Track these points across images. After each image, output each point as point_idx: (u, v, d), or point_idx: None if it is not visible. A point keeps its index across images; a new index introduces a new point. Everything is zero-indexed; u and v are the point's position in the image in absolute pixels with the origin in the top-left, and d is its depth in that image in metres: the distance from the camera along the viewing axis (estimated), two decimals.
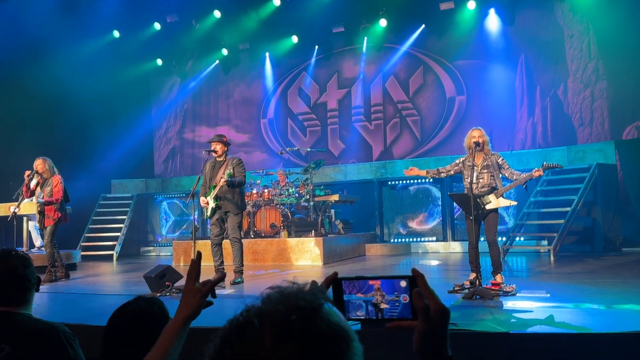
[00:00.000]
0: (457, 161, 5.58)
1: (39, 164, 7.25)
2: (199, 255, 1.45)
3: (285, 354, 0.70)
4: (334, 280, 1.10)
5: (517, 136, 11.04)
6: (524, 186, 5.36)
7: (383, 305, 1.07)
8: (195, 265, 1.41)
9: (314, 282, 1.11)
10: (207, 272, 6.65)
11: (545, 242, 8.96)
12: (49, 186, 7.16)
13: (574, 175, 9.11)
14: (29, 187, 7.30)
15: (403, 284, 1.06)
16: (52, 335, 1.84)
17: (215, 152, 6.47)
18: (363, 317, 1.09)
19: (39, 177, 7.30)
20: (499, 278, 5.21)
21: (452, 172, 5.61)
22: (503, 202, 5.32)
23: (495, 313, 4.10)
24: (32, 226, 8.58)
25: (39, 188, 7.30)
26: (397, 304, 1.07)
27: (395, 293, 1.07)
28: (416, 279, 1.04)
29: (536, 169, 5.25)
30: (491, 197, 5.31)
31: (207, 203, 6.44)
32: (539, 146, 10.70)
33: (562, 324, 3.55)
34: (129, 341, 1.77)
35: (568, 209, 8.53)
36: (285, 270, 7.72)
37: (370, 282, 1.09)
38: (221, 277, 1.49)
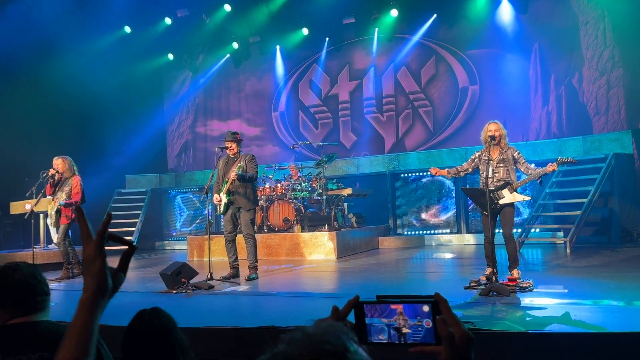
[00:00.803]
0: (473, 157, 5.52)
1: (59, 163, 7.28)
2: (79, 209, 1.17)
3: None
4: (355, 304, 1.09)
5: (532, 126, 10.91)
6: (538, 181, 5.29)
7: (405, 330, 1.07)
8: (80, 221, 1.15)
9: (335, 308, 1.09)
10: (222, 267, 6.68)
11: (561, 234, 8.88)
12: (68, 186, 7.21)
13: (590, 165, 8.99)
14: (52, 185, 7.35)
15: (426, 308, 1.06)
16: None
17: (230, 149, 6.50)
18: (385, 341, 1.08)
19: (60, 175, 7.35)
20: (515, 273, 5.18)
21: (470, 170, 5.55)
22: (517, 197, 5.26)
23: (513, 310, 4.07)
24: (50, 222, 8.66)
25: (56, 187, 7.35)
26: (419, 328, 1.06)
27: (418, 318, 1.06)
28: (439, 305, 1.03)
29: (550, 164, 5.18)
30: (505, 191, 5.26)
31: (220, 200, 6.46)
32: (554, 136, 10.57)
33: (580, 323, 3.50)
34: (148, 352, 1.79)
35: (584, 200, 8.43)
36: (300, 265, 7.74)
37: (393, 306, 1.08)
38: (109, 218, 1.16)
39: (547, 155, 9.59)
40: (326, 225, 8.98)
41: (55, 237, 8.64)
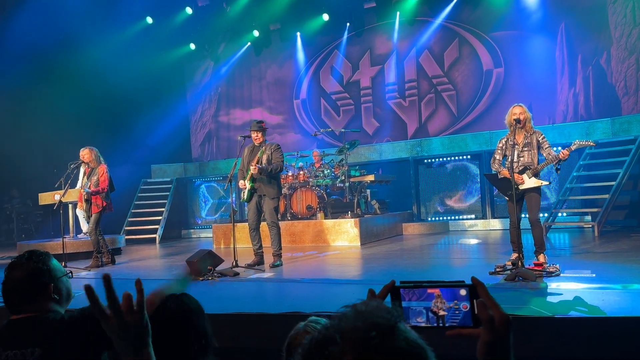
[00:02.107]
0: (500, 145, 5.40)
1: (85, 153, 7.47)
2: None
3: None
4: (392, 289, 1.10)
5: (558, 108, 10.68)
6: (555, 167, 5.15)
7: (442, 313, 1.08)
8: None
9: (371, 292, 1.10)
10: (246, 254, 6.76)
11: (589, 218, 8.72)
12: (96, 175, 7.39)
13: (618, 147, 8.79)
14: (77, 177, 7.53)
15: (463, 292, 1.07)
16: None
17: (256, 138, 6.53)
18: (424, 324, 1.10)
19: (86, 166, 7.54)
20: (541, 258, 5.11)
21: (501, 159, 5.43)
22: (535, 182, 5.16)
23: (539, 295, 4.02)
24: (79, 212, 8.87)
25: (85, 177, 7.55)
26: (457, 312, 1.07)
27: (455, 301, 1.07)
28: (477, 288, 1.03)
29: (567, 148, 5.05)
30: (524, 176, 5.18)
31: (245, 185, 6.49)
32: (581, 118, 10.33)
33: (609, 307, 3.45)
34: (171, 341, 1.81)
35: (613, 183, 8.26)
36: (323, 252, 7.77)
37: (430, 290, 1.10)
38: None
39: (574, 138, 9.35)
40: (349, 212, 8.98)
41: (85, 226, 8.85)
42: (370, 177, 9.60)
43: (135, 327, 1.15)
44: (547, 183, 5.30)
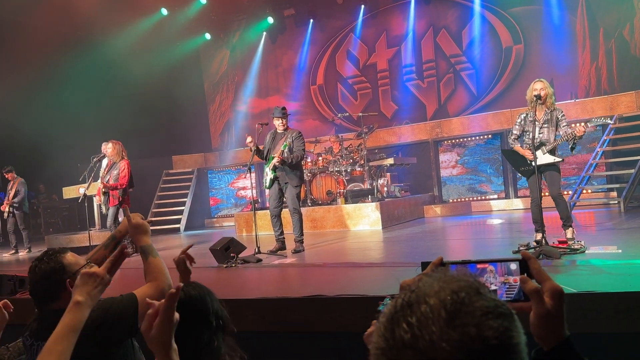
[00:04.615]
0: (518, 120, 5.29)
1: (109, 147, 7.57)
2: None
3: (459, 329, 0.69)
4: (440, 265, 1.10)
5: (580, 83, 10.45)
6: (569, 146, 5.02)
7: (493, 288, 1.09)
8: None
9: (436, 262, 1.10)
10: (268, 241, 6.80)
11: (614, 194, 8.56)
12: (116, 170, 7.47)
13: None
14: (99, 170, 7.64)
15: (514, 266, 1.08)
16: None
17: (281, 125, 6.53)
18: None
19: (109, 159, 7.64)
20: (569, 233, 5.02)
21: (518, 134, 5.33)
22: (549, 158, 5.06)
23: (563, 272, 3.98)
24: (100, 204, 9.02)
25: (106, 170, 7.65)
26: (508, 286, 1.08)
27: (505, 275, 1.08)
28: (528, 262, 1.04)
29: (584, 125, 4.91)
30: (539, 152, 5.08)
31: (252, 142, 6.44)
32: (604, 92, 10.09)
33: (635, 282, 3.39)
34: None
35: (638, 157, 8.07)
36: (345, 237, 7.78)
37: (479, 266, 1.10)
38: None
39: (597, 114, 9.20)
40: (369, 196, 8.97)
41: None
42: (390, 161, 9.54)
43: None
44: (560, 160, 5.17)
